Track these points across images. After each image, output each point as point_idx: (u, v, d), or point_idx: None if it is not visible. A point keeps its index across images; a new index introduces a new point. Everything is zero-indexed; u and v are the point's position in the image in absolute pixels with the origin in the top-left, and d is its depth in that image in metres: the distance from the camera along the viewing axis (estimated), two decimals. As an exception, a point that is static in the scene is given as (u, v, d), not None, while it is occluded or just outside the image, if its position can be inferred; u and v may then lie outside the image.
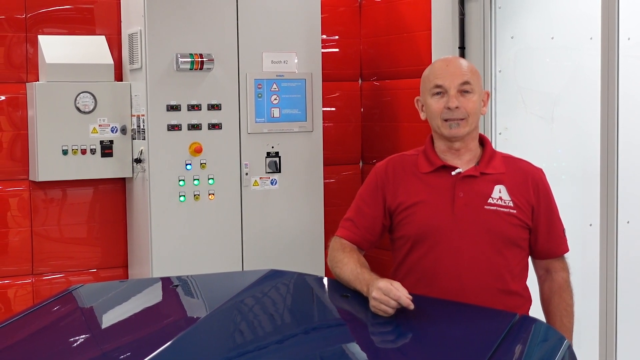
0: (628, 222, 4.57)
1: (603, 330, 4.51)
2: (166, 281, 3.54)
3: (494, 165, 3.28)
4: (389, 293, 2.94)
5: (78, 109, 5.39)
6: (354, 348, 2.78)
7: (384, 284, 2.97)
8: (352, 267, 3.21)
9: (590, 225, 4.76)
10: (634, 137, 4.56)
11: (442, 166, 3.27)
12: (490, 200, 3.21)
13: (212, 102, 5.41)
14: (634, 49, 4.56)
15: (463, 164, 3.28)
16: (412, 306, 2.91)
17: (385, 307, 2.93)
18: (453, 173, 3.24)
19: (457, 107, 3.21)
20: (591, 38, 4.74)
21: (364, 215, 3.37)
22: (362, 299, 3.14)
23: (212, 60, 5.35)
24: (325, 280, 3.64)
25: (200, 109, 5.38)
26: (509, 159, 3.35)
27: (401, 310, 2.96)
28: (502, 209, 3.20)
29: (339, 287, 3.31)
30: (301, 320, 3.04)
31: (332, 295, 3.34)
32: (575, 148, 5.13)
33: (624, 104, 4.45)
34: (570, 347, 2.77)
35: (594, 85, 4.55)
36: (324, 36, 5.96)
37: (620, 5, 4.41)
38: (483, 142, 3.36)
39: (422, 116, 3.36)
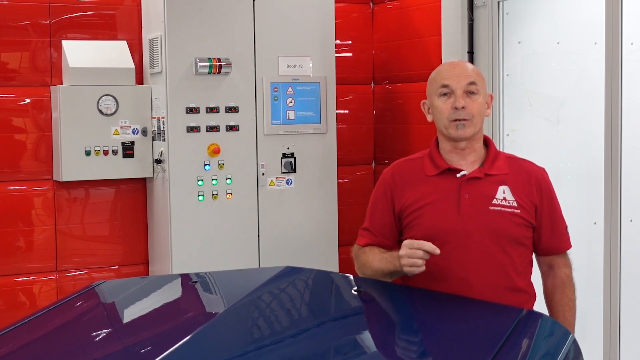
0: (631, 221, 4.57)
1: (607, 325, 4.52)
2: (185, 278, 3.57)
3: (498, 166, 3.30)
4: (412, 245, 3.09)
5: (100, 111, 5.44)
6: (364, 342, 2.81)
7: (407, 241, 3.12)
8: (379, 258, 3.30)
9: (595, 223, 4.75)
10: (636, 138, 4.56)
11: (447, 169, 3.30)
12: (494, 201, 3.24)
13: (230, 105, 5.45)
14: (636, 53, 4.56)
15: (468, 165, 3.31)
16: (437, 250, 3.06)
17: (414, 259, 3.07)
18: (458, 175, 3.27)
19: (463, 107, 3.23)
20: (595, 43, 4.73)
21: (378, 222, 3.42)
22: (373, 294, 3.23)
23: (230, 64, 5.38)
24: (338, 276, 3.70)
25: (218, 112, 5.42)
26: (512, 160, 3.38)
27: (411, 305, 3.06)
28: (506, 209, 3.23)
29: (352, 282, 3.37)
30: (315, 315, 3.07)
31: (345, 291, 3.37)
32: (580, 149, 5.13)
33: (627, 107, 4.44)
34: (575, 341, 2.79)
35: (598, 89, 4.54)
36: (338, 41, 5.99)
37: (624, 11, 4.40)
38: (487, 143, 3.38)
39: (429, 118, 3.37)
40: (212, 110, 5.42)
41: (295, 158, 5.66)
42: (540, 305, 3.35)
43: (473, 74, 3.30)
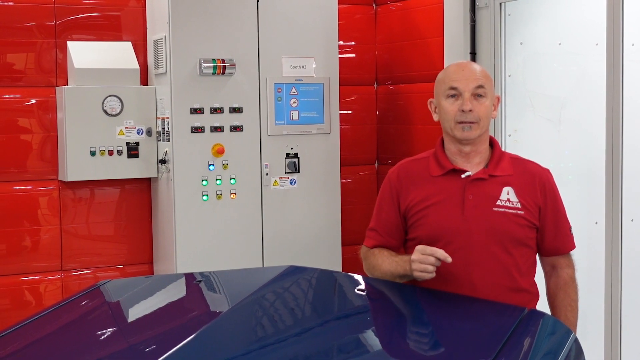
0: (632, 220, 4.60)
1: (608, 324, 4.53)
2: (190, 277, 3.57)
3: (502, 167, 3.30)
4: (424, 251, 3.10)
5: (105, 111, 5.47)
6: (368, 341, 2.81)
7: (419, 247, 3.13)
8: (388, 261, 3.31)
9: (596, 223, 4.78)
10: (637, 138, 4.57)
11: (452, 169, 3.30)
12: (498, 202, 3.24)
13: (234, 106, 5.48)
14: (637, 54, 4.58)
15: (473, 166, 3.30)
16: (449, 259, 3.06)
17: (426, 265, 3.08)
18: (463, 176, 3.27)
19: (470, 110, 3.22)
20: (597, 44, 4.76)
21: (384, 223, 3.42)
22: (376, 293, 3.25)
23: (234, 65, 5.41)
24: (342, 276, 3.71)
25: (223, 112, 5.45)
26: (517, 161, 3.37)
27: (414, 304, 3.07)
28: (510, 211, 3.23)
29: (356, 282, 3.38)
30: (318, 314, 3.08)
31: (348, 290, 3.39)
32: (581, 149, 5.15)
33: (628, 107, 4.45)
34: (576, 340, 2.80)
35: (600, 89, 4.55)
36: (341, 42, 6.02)
37: (625, 12, 4.41)
38: (492, 144, 3.37)
39: (435, 117, 3.36)
40: (216, 110, 5.45)
41: (298, 158, 5.68)
42: (543, 305, 3.36)
43: (481, 77, 3.29)
